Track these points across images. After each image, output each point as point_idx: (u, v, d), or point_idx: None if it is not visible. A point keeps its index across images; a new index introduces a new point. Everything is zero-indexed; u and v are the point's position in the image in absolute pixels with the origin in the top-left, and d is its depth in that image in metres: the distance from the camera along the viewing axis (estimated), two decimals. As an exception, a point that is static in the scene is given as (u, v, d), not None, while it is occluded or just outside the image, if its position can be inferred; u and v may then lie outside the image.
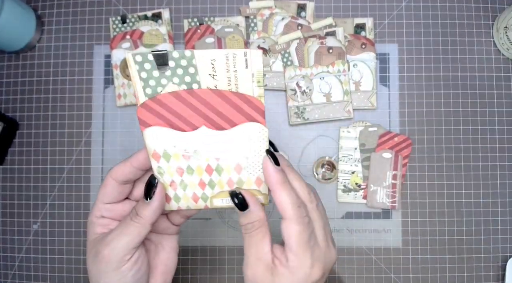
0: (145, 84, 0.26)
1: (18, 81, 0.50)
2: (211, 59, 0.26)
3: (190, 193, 0.30)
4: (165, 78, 0.26)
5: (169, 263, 0.32)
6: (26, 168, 0.49)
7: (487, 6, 0.50)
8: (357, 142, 0.48)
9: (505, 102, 0.49)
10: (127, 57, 0.25)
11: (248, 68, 0.26)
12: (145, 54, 0.25)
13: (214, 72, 0.26)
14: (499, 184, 0.48)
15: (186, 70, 0.26)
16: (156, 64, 0.26)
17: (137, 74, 0.26)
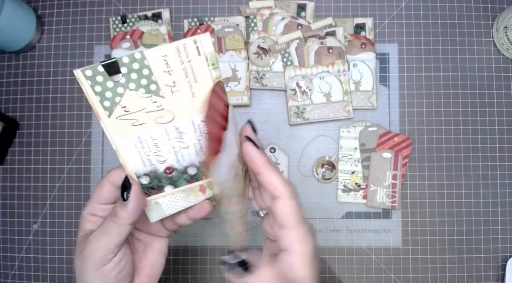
0: (101, 98, 0.25)
1: (18, 81, 0.50)
2: (163, 56, 0.25)
3: None
4: (121, 86, 0.25)
5: (156, 265, 0.32)
6: (26, 168, 0.49)
7: (487, 6, 0.50)
8: (357, 142, 0.48)
9: (505, 102, 0.49)
10: (76, 75, 0.24)
11: (201, 55, 0.26)
12: (94, 67, 0.24)
13: (169, 68, 0.25)
14: (499, 184, 0.48)
15: (140, 73, 0.25)
16: (108, 75, 0.25)
17: (91, 89, 0.25)
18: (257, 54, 0.49)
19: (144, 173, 0.28)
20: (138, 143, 0.27)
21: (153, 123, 0.27)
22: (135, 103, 0.26)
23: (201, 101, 0.27)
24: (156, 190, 0.29)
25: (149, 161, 0.28)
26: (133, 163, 0.27)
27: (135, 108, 0.26)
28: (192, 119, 0.27)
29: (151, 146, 0.27)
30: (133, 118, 0.26)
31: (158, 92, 0.26)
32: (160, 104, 0.26)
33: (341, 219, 0.48)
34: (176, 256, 0.48)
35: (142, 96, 0.25)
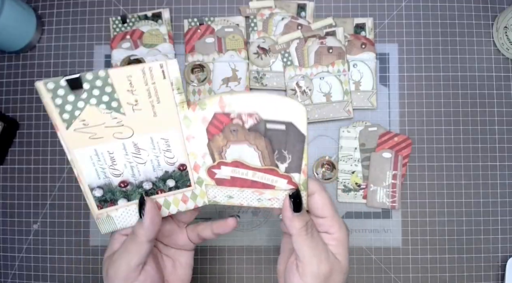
0: (61, 110, 0.26)
1: (18, 81, 0.50)
2: (128, 76, 0.26)
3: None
4: (81, 100, 0.26)
5: (185, 278, 0.33)
6: (26, 168, 0.49)
7: (487, 6, 0.50)
8: (357, 142, 0.48)
9: (505, 102, 0.49)
10: (37, 87, 0.25)
11: (166, 79, 0.27)
12: (57, 80, 0.25)
13: (132, 88, 0.26)
14: (499, 184, 0.48)
15: (103, 90, 0.26)
16: (71, 89, 0.25)
17: (51, 101, 0.25)
18: (257, 54, 0.49)
19: (97, 186, 0.29)
20: (94, 155, 0.28)
21: (111, 138, 0.27)
22: (94, 118, 0.27)
23: (162, 120, 0.28)
24: (110, 202, 0.29)
25: (104, 173, 0.28)
26: (88, 174, 0.28)
27: (94, 122, 0.27)
28: (152, 136, 0.28)
29: (107, 159, 0.28)
30: (91, 132, 0.27)
31: (119, 109, 0.27)
32: (120, 121, 0.27)
33: (341, 219, 0.48)
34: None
35: (102, 112, 0.26)
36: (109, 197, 0.29)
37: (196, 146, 0.29)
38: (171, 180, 0.30)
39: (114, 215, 0.30)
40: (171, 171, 0.30)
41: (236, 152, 0.29)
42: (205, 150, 0.30)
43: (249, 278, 0.48)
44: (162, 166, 0.29)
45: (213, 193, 0.31)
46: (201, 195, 0.31)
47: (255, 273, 0.48)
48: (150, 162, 0.29)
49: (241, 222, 0.48)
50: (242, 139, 0.28)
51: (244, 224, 0.48)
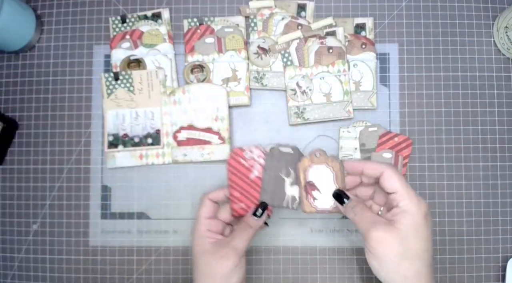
0: (107, 88, 0.48)
1: (18, 81, 0.50)
2: (140, 75, 0.48)
3: None
4: (117, 84, 0.48)
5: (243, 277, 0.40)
6: (26, 168, 0.49)
7: (487, 6, 0.50)
8: (357, 142, 0.48)
9: (505, 102, 0.49)
10: (101, 76, 0.49)
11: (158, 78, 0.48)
12: (109, 73, 0.48)
13: (141, 81, 0.48)
14: (499, 184, 0.48)
15: (128, 80, 0.48)
16: (114, 78, 0.48)
17: (104, 83, 0.48)
18: (257, 54, 0.49)
19: (111, 133, 0.48)
20: (115, 116, 0.48)
21: (125, 107, 0.48)
22: (121, 94, 0.48)
23: (153, 101, 0.48)
24: (114, 146, 0.47)
25: (117, 127, 0.48)
26: (109, 125, 0.48)
27: (120, 97, 0.48)
28: (145, 109, 0.48)
29: (121, 119, 0.48)
30: (117, 102, 0.48)
31: (133, 91, 0.48)
32: (132, 98, 0.48)
33: (341, 219, 0.48)
34: (177, 256, 0.48)
35: (125, 92, 0.48)
36: (115, 142, 0.48)
37: (168, 119, 0.48)
38: (150, 138, 0.47)
39: (116, 156, 0.48)
40: (151, 133, 0.47)
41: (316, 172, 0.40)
42: (173, 121, 0.48)
43: (249, 278, 0.47)
44: (147, 128, 0.48)
45: (175, 153, 0.48)
46: (168, 154, 0.48)
47: (255, 273, 0.48)
48: (141, 125, 0.48)
49: (241, 222, 0.48)
50: (322, 161, 0.40)
51: (244, 224, 0.48)
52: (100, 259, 0.48)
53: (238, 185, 0.41)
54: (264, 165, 0.41)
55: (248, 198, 0.41)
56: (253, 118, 0.49)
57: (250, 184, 0.41)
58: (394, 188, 0.34)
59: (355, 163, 0.38)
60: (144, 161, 0.48)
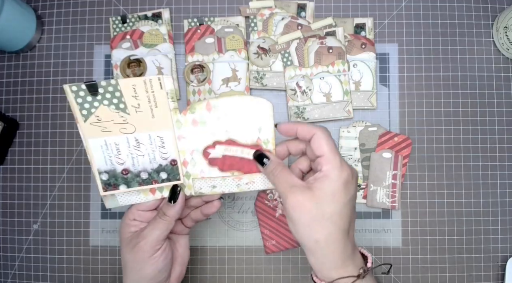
0: (81, 107, 0.33)
1: (18, 81, 0.50)
2: (133, 85, 0.33)
3: None
4: (97, 101, 0.33)
5: (184, 256, 0.42)
6: (26, 168, 0.49)
7: (487, 6, 0.50)
8: (357, 142, 0.48)
9: (505, 102, 0.49)
10: (64, 88, 0.32)
11: (163, 89, 0.34)
12: (79, 84, 0.32)
13: (135, 94, 0.33)
14: (499, 184, 0.48)
15: (113, 94, 0.33)
16: (89, 92, 0.33)
17: (74, 100, 0.33)
18: (257, 54, 0.49)
19: (104, 170, 0.35)
20: (103, 145, 0.34)
21: (118, 133, 0.34)
22: (106, 115, 0.34)
23: (159, 122, 0.35)
24: (113, 186, 0.36)
25: (110, 161, 0.35)
26: (98, 160, 0.35)
27: (105, 118, 0.34)
28: (150, 134, 0.35)
29: (114, 149, 0.35)
30: (103, 126, 0.34)
31: (125, 110, 0.34)
32: (126, 119, 0.34)
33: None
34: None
35: (112, 111, 0.33)
36: (113, 181, 0.35)
37: (185, 144, 0.36)
38: (164, 172, 0.36)
39: (117, 195, 0.37)
40: (164, 165, 0.36)
41: None
42: (192, 148, 0.36)
43: (249, 278, 0.48)
44: (157, 159, 0.35)
45: (198, 185, 0.37)
46: (188, 186, 0.37)
47: (255, 273, 0.48)
48: (148, 155, 0.35)
49: (241, 222, 0.48)
50: None
51: (244, 224, 0.48)
52: (100, 259, 0.48)
53: (267, 224, 0.46)
54: None
55: (277, 234, 0.46)
56: (253, 118, 0.49)
57: (277, 222, 0.46)
58: (321, 151, 0.33)
59: (289, 125, 0.36)
60: (159, 194, 0.37)
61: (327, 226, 0.32)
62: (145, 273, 0.36)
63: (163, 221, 0.36)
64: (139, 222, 0.38)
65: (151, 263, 0.36)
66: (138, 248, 0.36)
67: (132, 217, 0.38)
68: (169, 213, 0.36)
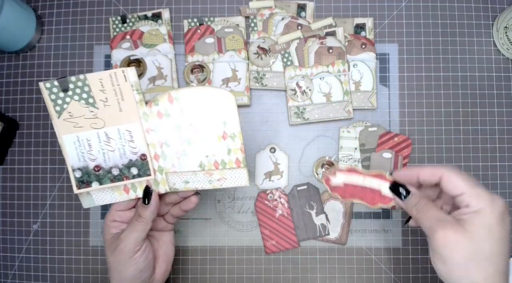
0: (54, 103, 0.34)
1: (18, 81, 0.50)
2: (99, 79, 0.34)
3: None
4: (68, 97, 0.34)
5: (169, 252, 0.42)
6: (26, 168, 0.49)
7: (487, 6, 0.50)
8: (357, 142, 0.48)
9: (505, 102, 0.49)
10: (39, 85, 0.34)
11: (127, 81, 0.34)
12: (52, 81, 0.34)
13: (103, 88, 0.34)
14: (499, 184, 0.48)
15: (82, 89, 0.34)
16: (61, 88, 0.34)
17: (48, 96, 0.34)
18: (257, 54, 0.49)
19: (78, 167, 0.35)
20: (76, 141, 0.35)
21: (88, 128, 0.35)
22: (77, 110, 0.34)
23: (127, 115, 0.35)
24: (86, 184, 0.36)
25: (83, 157, 0.35)
26: (72, 157, 0.35)
27: (77, 114, 0.34)
28: (119, 128, 0.35)
29: (86, 145, 0.35)
30: (75, 121, 0.35)
31: (94, 104, 0.35)
32: (95, 114, 0.35)
33: (341, 219, 0.48)
34: (176, 256, 0.48)
35: (82, 106, 0.34)
36: (86, 178, 0.36)
37: (154, 137, 0.36)
38: (135, 168, 0.36)
39: (92, 193, 0.37)
40: (134, 160, 0.36)
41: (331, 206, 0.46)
42: (161, 141, 0.36)
43: (249, 278, 0.48)
44: (127, 154, 0.36)
45: (172, 180, 0.37)
46: (162, 182, 0.37)
47: (255, 273, 0.48)
48: (118, 150, 0.35)
49: (241, 222, 0.48)
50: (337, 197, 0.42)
51: (244, 224, 0.48)
52: (100, 259, 0.48)
53: (267, 224, 0.47)
54: (289, 206, 0.47)
55: (277, 234, 0.47)
56: (253, 118, 0.49)
57: (277, 222, 0.47)
58: (460, 190, 0.31)
59: (407, 171, 0.35)
60: (132, 194, 0.37)
61: (486, 267, 0.29)
62: (127, 273, 0.37)
63: (140, 223, 0.37)
64: (119, 222, 0.39)
65: (131, 264, 0.37)
66: (118, 251, 0.36)
67: (112, 218, 0.39)
68: (144, 214, 0.36)
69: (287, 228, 0.47)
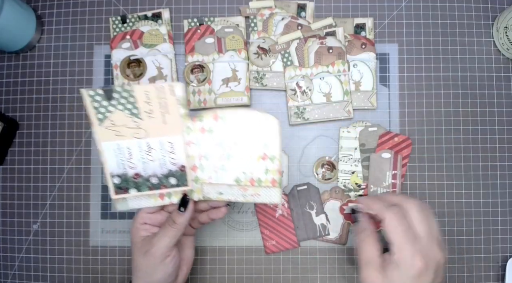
0: (97, 111, 0.34)
1: (18, 81, 0.50)
2: (145, 91, 0.34)
3: None
4: (111, 106, 0.34)
5: (189, 256, 0.43)
6: (26, 168, 0.49)
7: (487, 6, 0.50)
8: (357, 142, 0.48)
9: (505, 102, 0.49)
10: (81, 92, 0.33)
11: (174, 96, 0.34)
12: (95, 89, 0.33)
13: (148, 100, 0.34)
14: (499, 184, 0.48)
15: (127, 100, 0.34)
16: (105, 97, 0.34)
17: (90, 104, 0.34)
18: (257, 54, 0.49)
19: (117, 174, 0.35)
20: (117, 149, 0.35)
21: (130, 137, 0.35)
22: (120, 119, 0.34)
23: (170, 127, 0.35)
24: (124, 190, 0.36)
25: (123, 165, 0.35)
26: (111, 163, 0.35)
27: (119, 123, 0.34)
28: (160, 139, 0.35)
29: (126, 153, 0.35)
30: (116, 130, 0.35)
31: (138, 115, 0.35)
32: (138, 124, 0.35)
33: (341, 219, 0.48)
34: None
35: (126, 116, 0.34)
36: (124, 185, 0.36)
37: (195, 150, 0.37)
38: (173, 178, 0.36)
39: (128, 198, 0.37)
40: (174, 170, 0.36)
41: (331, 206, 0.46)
42: (201, 153, 0.37)
43: (249, 278, 0.48)
44: (167, 164, 0.36)
45: (207, 190, 0.38)
46: (197, 191, 0.38)
47: (255, 273, 0.48)
48: (158, 160, 0.36)
49: (241, 222, 0.48)
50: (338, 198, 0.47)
51: (244, 224, 0.48)
52: (100, 259, 0.48)
53: (267, 224, 0.47)
54: (290, 206, 0.47)
55: (277, 234, 0.47)
56: (253, 118, 0.49)
57: (277, 222, 0.47)
58: (391, 238, 0.34)
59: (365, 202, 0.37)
60: (167, 200, 0.38)
61: None
62: (156, 277, 0.38)
63: (173, 229, 0.37)
64: (149, 225, 0.39)
65: (161, 268, 0.38)
66: (149, 255, 0.37)
67: (142, 221, 0.39)
68: (179, 221, 0.37)
69: (287, 228, 0.47)
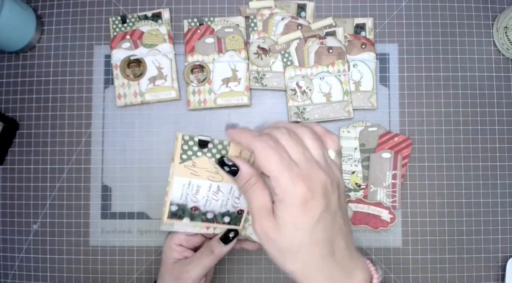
0: (183, 152, 0.35)
1: (18, 81, 0.50)
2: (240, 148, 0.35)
3: None
4: (201, 152, 0.35)
5: (211, 273, 0.42)
6: (26, 168, 0.49)
7: (487, 6, 0.50)
8: (357, 142, 0.48)
9: (505, 102, 0.49)
10: (176, 135, 0.34)
11: None
12: (192, 136, 0.34)
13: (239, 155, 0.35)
14: (499, 184, 0.48)
15: (219, 151, 0.35)
16: (198, 145, 0.35)
17: (180, 146, 0.35)
18: (257, 54, 0.49)
19: (176, 203, 0.36)
20: (186, 184, 0.36)
21: (205, 178, 0.36)
22: (203, 163, 0.35)
23: None
24: (178, 217, 0.37)
25: (186, 197, 0.36)
26: (175, 194, 0.36)
27: (200, 166, 0.35)
28: (232, 186, 0.36)
29: (194, 189, 0.36)
30: (194, 170, 0.36)
31: None
32: (218, 170, 0.36)
33: (341, 219, 0.48)
34: (176, 256, 0.48)
35: (210, 162, 0.35)
36: (180, 213, 0.37)
37: None
38: (228, 217, 0.38)
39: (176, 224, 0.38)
40: (231, 212, 0.38)
41: None
42: None
43: (249, 278, 0.47)
44: (228, 206, 0.37)
45: (250, 230, 0.39)
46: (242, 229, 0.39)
47: (255, 273, 0.48)
48: (221, 201, 0.37)
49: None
50: None
51: (244, 224, 0.48)
52: (100, 259, 0.48)
53: None
54: None
55: None
56: (253, 118, 0.49)
57: None
58: (266, 171, 0.28)
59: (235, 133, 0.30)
60: (212, 230, 0.39)
61: (299, 258, 0.28)
62: None
63: (209, 259, 0.37)
64: (184, 248, 0.39)
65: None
66: (182, 280, 0.37)
67: (179, 242, 0.39)
68: (217, 251, 0.37)
69: None
